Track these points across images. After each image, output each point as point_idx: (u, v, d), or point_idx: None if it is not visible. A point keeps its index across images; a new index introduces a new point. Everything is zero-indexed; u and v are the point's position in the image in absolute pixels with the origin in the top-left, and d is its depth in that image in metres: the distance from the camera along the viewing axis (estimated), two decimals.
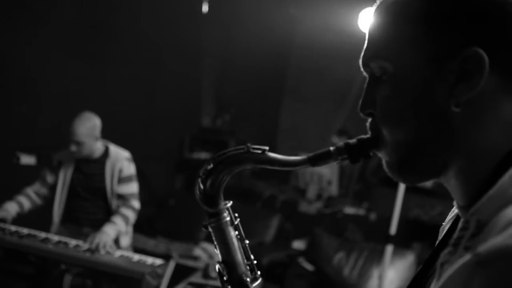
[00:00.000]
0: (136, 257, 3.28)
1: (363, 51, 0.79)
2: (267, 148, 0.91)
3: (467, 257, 0.58)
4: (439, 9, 0.72)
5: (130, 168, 3.56)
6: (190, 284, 3.85)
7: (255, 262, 1.01)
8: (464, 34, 0.70)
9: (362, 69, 0.81)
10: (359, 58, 0.81)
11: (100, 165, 3.53)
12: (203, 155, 7.02)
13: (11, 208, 3.45)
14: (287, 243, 5.52)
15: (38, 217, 3.69)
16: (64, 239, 3.32)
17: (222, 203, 0.98)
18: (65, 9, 4.67)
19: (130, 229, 3.63)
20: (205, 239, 5.18)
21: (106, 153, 3.56)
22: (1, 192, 4.02)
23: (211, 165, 0.94)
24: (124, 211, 3.48)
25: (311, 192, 6.35)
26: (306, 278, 4.72)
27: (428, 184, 4.97)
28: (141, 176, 3.89)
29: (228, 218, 0.98)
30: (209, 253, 4.83)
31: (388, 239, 3.73)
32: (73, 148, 3.39)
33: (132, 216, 3.51)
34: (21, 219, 3.54)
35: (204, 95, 7.68)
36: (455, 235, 0.66)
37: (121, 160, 3.54)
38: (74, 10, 4.79)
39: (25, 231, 3.35)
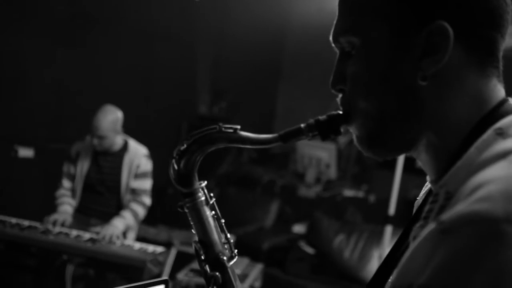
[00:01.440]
0: (138, 245, 3.30)
1: (333, 26, 0.80)
2: (238, 127, 0.92)
3: (431, 226, 0.58)
4: None
5: (147, 165, 3.57)
6: (192, 270, 3.87)
7: (232, 240, 1.02)
8: (430, 8, 0.70)
9: (333, 44, 0.81)
10: None
11: (118, 159, 3.54)
12: None
13: (69, 210, 3.49)
14: (287, 227, 5.54)
15: (39, 208, 3.70)
16: (65, 229, 3.33)
17: (197, 183, 0.99)
18: (58, 0, 4.63)
19: (137, 225, 3.65)
20: None
21: (125, 147, 3.56)
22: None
23: (184, 145, 0.95)
24: (134, 206, 3.49)
25: (310, 176, 6.36)
26: (307, 262, 4.75)
27: None
28: None
29: (203, 198, 0.99)
30: None
31: (387, 220, 3.76)
32: (95, 141, 3.39)
33: (141, 212, 3.51)
34: (22, 211, 3.55)
35: (199, 83, 7.66)
36: (426, 208, 0.67)
37: (140, 156, 3.54)
38: (68, 1, 4.76)
39: (26, 223, 3.36)
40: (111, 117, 3.40)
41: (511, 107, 0.72)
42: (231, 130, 0.92)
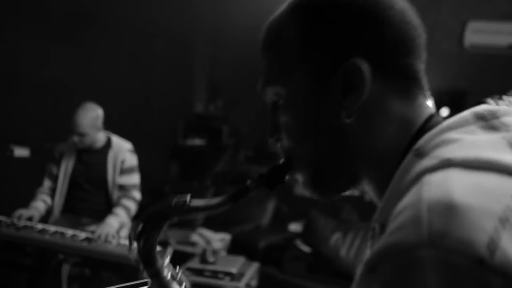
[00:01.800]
0: (134, 244, 3.29)
1: (260, 80, 0.82)
2: (188, 197, 0.90)
3: (360, 268, 0.59)
4: (314, 27, 0.73)
5: (132, 160, 3.57)
6: (188, 269, 3.87)
7: None
8: (343, 47, 0.71)
9: (262, 98, 0.83)
10: None
11: (102, 156, 3.54)
12: (197, 141, 7.01)
13: (40, 207, 3.49)
14: (284, 226, 5.55)
15: None
16: (61, 229, 3.32)
17: (159, 261, 0.98)
18: None
19: (129, 220, 3.64)
20: (202, 225, 5.20)
21: (108, 143, 3.57)
22: None
23: (140, 228, 0.94)
24: (125, 202, 3.49)
25: None
26: (304, 260, 4.75)
27: None
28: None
29: (169, 277, 0.98)
30: (206, 239, 4.85)
31: None
32: (76, 138, 3.40)
33: (133, 207, 3.52)
34: (16, 210, 3.54)
35: (196, 81, 7.65)
36: (368, 243, 0.68)
37: (124, 151, 3.55)
38: None
39: (21, 222, 3.35)
40: (91, 114, 3.41)
41: (436, 121, 0.72)
42: (181, 203, 0.91)
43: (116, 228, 3.35)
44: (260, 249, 4.90)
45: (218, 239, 4.87)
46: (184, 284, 1.00)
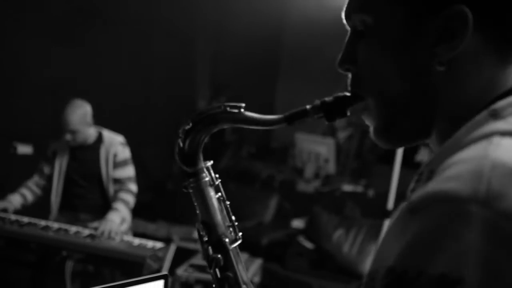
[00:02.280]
0: (137, 241, 3.30)
1: (346, 3, 0.77)
2: (243, 105, 0.90)
3: (403, 206, 0.57)
4: None
5: (125, 152, 3.57)
6: (191, 266, 3.88)
7: (236, 223, 1.00)
8: None
9: (344, 21, 0.78)
10: None
11: (94, 151, 3.54)
12: None
13: (15, 200, 3.48)
14: (286, 222, 5.55)
15: (36, 206, 3.70)
16: (64, 226, 3.33)
17: (201, 163, 0.97)
18: None
19: (129, 213, 3.65)
20: None
21: (99, 138, 3.57)
22: None
23: (190, 125, 0.93)
24: (123, 195, 3.49)
25: (309, 171, 6.36)
26: (307, 256, 4.76)
27: (425, 159, 4.99)
28: (139, 161, 3.90)
29: (207, 178, 0.97)
30: None
31: (386, 214, 3.76)
32: (68, 137, 3.40)
33: (131, 200, 3.52)
34: (21, 208, 3.56)
35: (199, 78, 7.65)
36: (410, 186, 0.65)
37: (116, 144, 3.55)
38: None
39: (25, 219, 3.37)
40: (80, 111, 3.41)
41: None
42: (236, 110, 0.90)
43: (118, 223, 3.36)
44: (263, 245, 4.91)
45: None
46: (220, 194, 0.99)
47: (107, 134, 3.60)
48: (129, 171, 3.57)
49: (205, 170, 0.97)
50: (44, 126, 4.42)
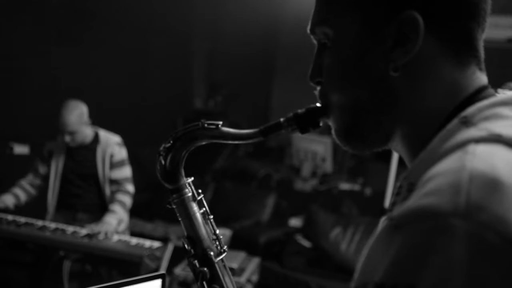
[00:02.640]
0: (134, 240, 3.30)
1: (310, 17, 0.79)
2: (220, 123, 0.93)
3: (385, 220, 0.57)
4: None
5: (121, 153, 3.57)
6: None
7: (221, 236, 1.03)
8: None
9: (311, 36, 0.80)
10: None
11: (91, 151, 3.54)
12: None
13: (8, 200, 3.47)
14: (284, 221, 5.55)
15: (33, 206, 3.70)
16: (61, 226, 3.33)
17: (183, 179, 1.00)
18: None
19: (126, 214, 3.65)
20: None
21: (96, 138, 3.57)
22: None
23: (169, 143, 0.97)
24: (120, 197, 3.49)
25: (306, 170, 6.37)
26: (304, 255, 4.76)
27: None
28: (136, 161, 3.90)
29: (189, 194, 1.00)
30: None
31: (383, 212, 3.76)
32: (67, 138, 3.40)
33: (128, 201, 3.52)
34: (18, 208, 3.55)
35: (195, 77, 7.65)
36: (391, 200, 0.66)
37: (112, 145, 3.55)
38: None
39: (22, 220, 3.36)
40: (76, 111, 3.41)
41: (489, 93, 0.70)
42: (213, 127, 0.93)
43: (115, 225, 3.36)
44: (260, 244, 4.91)
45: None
46: (204, 209, 1.01)
47: (104, 134, 3.60)
48: (126, 171, 3.57)
49: (187, 185, 1.00)
50: (41, 126, 4.41)
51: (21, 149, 3.67)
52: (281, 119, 0.88)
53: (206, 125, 0.94)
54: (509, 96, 0.66)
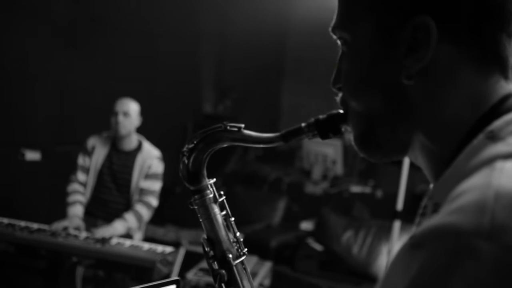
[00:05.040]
0: (146, 246, 3.31)
1: (333, 17, 0.77)
2: (242, 125, 0.93)
3: (407, 240, 0.55)
4: None
5: (159, 167, 3.62)
6: (201, 270, 3.88)
7: (241, 239, 1.03)
8: (415, 2, 0.66)
9: (333, 36, 0.79)
10: None
11: (131, 158, 3.59)
12: None
13: (80, 212, 3.51)
14: (295, 224, 5.54)
15: (48, 211, 3.72)
16: (73, 231, 3.34)
17: (205, 180, 1.00)
18: (59, 1, 4.65)
19: (143, 225, 3.66)
20: None
21: (139, 147, 3.63)
22: (7, 189, 4.04)
23: (192, 144, 0.97)
24: (139, 207, 3.51)
25: (317, 173, 6.36)
26: (316, 258, 4.75)
27: None
28: None
29: (211, 195, 1.00)
30: None
31: (395, 215, 3.75)
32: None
33: (146, 213, 3.53)
34: (30, 214, 3.57)
35: (204, 82, 7.66)
36: (416, 220, 0.64)
37: (152, 157, 3.60)
38: (68, 2, 4.77)
39: (35, 226, 3.38)
40: (135, 103, 3.61)
41: None
42: (236, 129, 0.93)
43: (121, 232, 3.38)
44: (272, 248, 4.91)
45: None
46: (226, 211, 1.01)
47: (147, 146, 3.66)
48: (156, 185, 3.60)
49: (209, 187, 1.00)
50: (52, 132, 4.44)
51: (32, 155, 3.70)
52: (303, 124, 0.87)
53: (228, 127, 0.94)
54: None
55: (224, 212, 1.01)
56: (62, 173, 3.78)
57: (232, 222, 1.02)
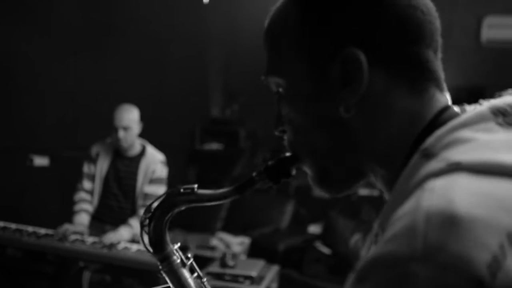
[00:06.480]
0: None
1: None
2: (195, 186, 0.94)
3: (353, 274, 0.54)
4: (312, 13, 0.69)
5: (163, 171, 3.62)
6: (208, 274, 3.87)
7: None
8: (340, 35, 0.66)
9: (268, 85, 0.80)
10: None
11: (135, 164, 3.60)
12: (214, 146, 7.03)
13: (85, 220, 3.52)
14: (303, 228, 5.53)
15: (56, 216, 3.72)
16: (81, 236, 3.35)
17: (169, 246, 0.99)
18: (68, 6, 4.66)
19: None
20: (221, 229, 5.20)
21: (142, 152, 3.63)
22: (16, 194, 4.06)
23: (150, 213, 0.97)
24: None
25: None
26: (324, 262, 4.73)
27: None
28: None
29: (178, 260, 0.99)
30: (226, 243, 4.85)
31: None
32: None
33: None
34: (38, 219, 3.58)
35: (212, 86, 7.67)
36: (368, 250, 0.64)
37: (156, 162, 3.60)
38: (77, 7, 4.79)
39: (42, 231, 3.39)
40: (131, 111, 3.54)
41: (449, 115, 0.66)
42: (189, 191, 0.94)
43: (127, 239, 3.39)
44: (279, 251, 4.89)
45: (238, 243, 4.87)
46: (196, 273, 1.01)
47: (150, 150, 3.66)
48: (160, 190, 3.60)
49: (174, 252, 1.00)
50: (61, 137, 4.45)
51: (41, 161, 3.71)
52: (254, 174, 0.87)
53: (182, 190, 0.94)
54: (469, 116, 0.61)
55: (195, 274, 1.01)
56: (70, 179, 3.78)
57: (206, 283, 1.01)
